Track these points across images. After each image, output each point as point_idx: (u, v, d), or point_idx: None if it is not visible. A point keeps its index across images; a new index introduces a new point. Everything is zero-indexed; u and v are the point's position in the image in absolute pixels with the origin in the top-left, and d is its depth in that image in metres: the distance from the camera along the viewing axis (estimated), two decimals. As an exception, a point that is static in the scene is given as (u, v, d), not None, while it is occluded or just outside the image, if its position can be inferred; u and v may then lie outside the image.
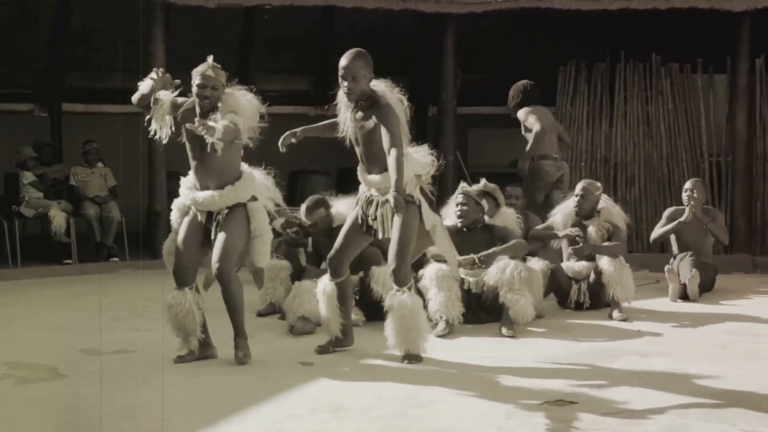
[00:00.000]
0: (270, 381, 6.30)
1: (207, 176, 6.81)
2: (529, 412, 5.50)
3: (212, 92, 6.70)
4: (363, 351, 7.16)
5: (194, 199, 6.83)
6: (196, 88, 6.73)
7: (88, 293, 10.41)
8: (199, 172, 6.83)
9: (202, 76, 6.71)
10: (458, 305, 8.01)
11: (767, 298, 10.05)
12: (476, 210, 8.59)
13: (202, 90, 6.69)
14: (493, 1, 12.73)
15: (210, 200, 6.78)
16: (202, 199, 6.80)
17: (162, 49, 12.55)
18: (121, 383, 6.24)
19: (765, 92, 13.20)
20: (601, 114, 13.61)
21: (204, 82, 6.69)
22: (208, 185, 6.81)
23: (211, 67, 6.73)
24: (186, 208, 6.94)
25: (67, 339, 7.83)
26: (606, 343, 7.58)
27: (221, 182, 6.79)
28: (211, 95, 6.70)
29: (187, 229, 6.85)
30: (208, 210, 6.83)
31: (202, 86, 6.70)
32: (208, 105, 6.70)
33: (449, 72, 13.33)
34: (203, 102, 6.70)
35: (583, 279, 9.10)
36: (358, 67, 6.65)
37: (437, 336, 7.73)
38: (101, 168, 13.02)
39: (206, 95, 6.69)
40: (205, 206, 6.82)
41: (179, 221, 6.95)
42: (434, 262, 8.20)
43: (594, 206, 9.21)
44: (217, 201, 6.78)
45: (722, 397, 5.79)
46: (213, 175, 6.78)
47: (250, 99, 6.84)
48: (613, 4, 12.62)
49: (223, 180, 6.79)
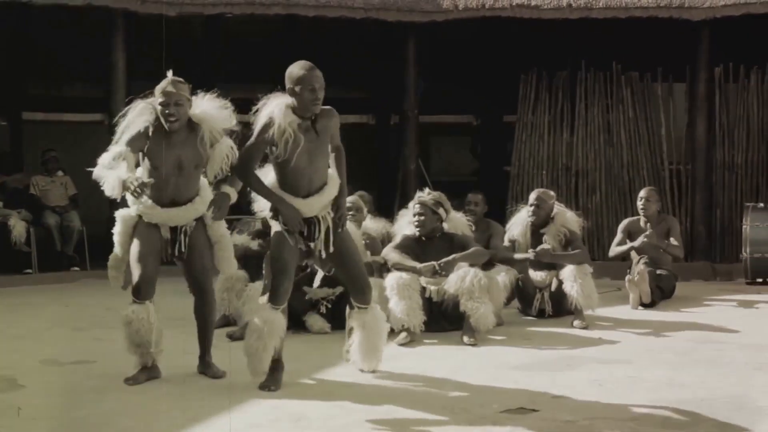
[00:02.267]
0: (231, 391, 6.26)
1: (176, 193, 6.56)
2: (490, 420, 5.50)
3: (176, 109, 6.40)
4: (325, 360, 7.14)
5: (163, 215, 6.55)
6: (159, 107, 6.42)
7: (48, 303, 10.34)
8: (167, 190, 6.53)
9: (163, 93, 6.40)
10: (420, 314, 8.00)
11: (727, 305, 10.13)
12: (433, 219, 8.57)
13: (166, 108, 6.38)
14: (455, 10, 12.79)
15: (183, 214, 6.58)
16: (174, 215, 6.56)
17: (123, 57, 12.51)
18: (81, 394, 6.20)
19: (724, 101, 13.32)
20: (562, 122, 13.68)
21: (167, 99, 6.39)
22: (174, 201, 6.56)
23: (171, 82, 6.45)
24: (134, 220, 6.61)
25: (27, 349, 7.77)
26: (567, 351, 7.61)
27: (190, 194, 6.61)
28: (176, 112, 6.40)
29: (148, 242, 6.54)
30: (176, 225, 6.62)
31: (165, 104, 6.39)
32: (175, 124, 6.42)
33: (411, 81, 13.37)
34: (169, 120, 6.41)
35: (546, 287, 9.14)
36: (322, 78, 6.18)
37: (399, 345, 7.74)
38: (61, 177, 12.95)
39: (171, 113, 6.39)
40: (175, 221, 6.59)
41: (126, 237, 6.62)
42: (395, 271, 8.19)
43: (549, 214, 9.24)
44: (189, 214, 6.59)
45: (682, 405, 5.82)
46: (182, 192, 6.58)
47: (218, 105, 6.61)
48: (574, 13, 12.71)
49: (190, 192, 6.61)
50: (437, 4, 12.82)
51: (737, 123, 13.31)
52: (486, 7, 12.77)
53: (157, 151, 6.46)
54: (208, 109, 6.59)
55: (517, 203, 10.82)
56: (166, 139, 6.46)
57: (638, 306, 9.73)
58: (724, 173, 13.27)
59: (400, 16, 12.93)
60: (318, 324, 8.35)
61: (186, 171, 6.52)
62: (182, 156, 6.49)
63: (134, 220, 6.63)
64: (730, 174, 13.29)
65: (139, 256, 6.50)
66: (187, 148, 6.49)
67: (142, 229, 6.58)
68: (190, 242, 6.63)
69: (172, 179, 6.53)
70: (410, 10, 12.82)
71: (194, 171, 6.56)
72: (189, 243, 6.63)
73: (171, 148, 6.46)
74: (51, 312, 9.71)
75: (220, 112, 6.60)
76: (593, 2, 12.59)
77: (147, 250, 6.51)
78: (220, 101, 6.64)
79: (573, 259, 8.96)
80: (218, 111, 6.60)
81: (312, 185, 6.28)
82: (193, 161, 6.52)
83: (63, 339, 8.18)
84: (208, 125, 6.52)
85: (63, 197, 12.80)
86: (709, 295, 10.73)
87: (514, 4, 12.70)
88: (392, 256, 8.35)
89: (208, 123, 6.53)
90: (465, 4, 12.78)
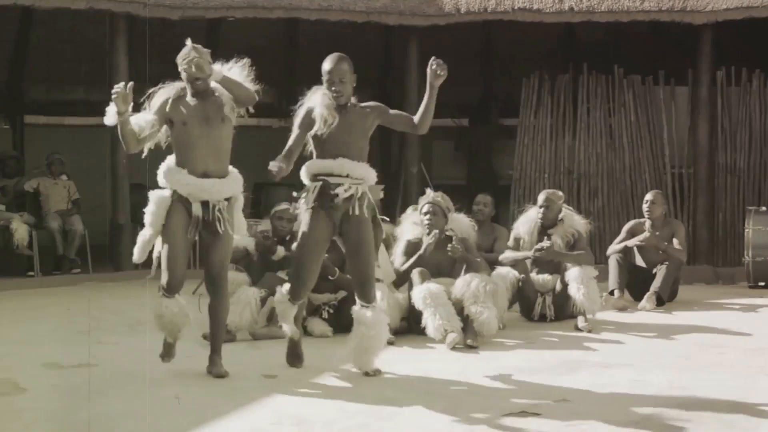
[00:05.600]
0: (233, 394, 6.27)
1: (210, 158, 6.62)
2: (492, 424, 5.50)
3: (201, 72, 6.53)
4: (327, 364, 7.13)
5: (197, 185, 6.59)
6: (185, 73, 6.58)
7: (50, 306, 10.33)
8: (201, 154, 6.61)
9: (188, 57, 6.54)
10: (456, 318, 7.95)
11: (729, 308, 10.11)
12: (443, 219, 8.58)
13: (191, 69, 6.53)
14: (457, 14, 12.78)
15: (218, 187, 6.62)
16: (208, 186, 6.60)
17: (125, 61, 12.51)
18: (83, 397, 6.19)
19: (726, 104, 13.31)
20: (564, 126, 13.66)
21: (191, 61, 6.52)
22: (208, 170, 6.62)
23: (193, 47, 6.57)
24: (168, 201, 6.65)
25: (29, 352, 7.77)
26: (569, 355, 7.60)
27: (222, 166, 6.68)
28: (200, 75, 6.55)
29: (178, 231, 6.61)
30: (208, 199, 6.63)
31: (189, 67, 6.54)
32: (201, 85, 6.60)
33: (413, 84, 13.36)
34: (195, 83, 6.59)
35: (548, 291, 9.13)
36: (344, 70, 6.59)
37: (451, 348, 7.72)
38: (64, 180, 12.94)
39: (196, 76, 6.54)
40: (208, 194, 6.61)
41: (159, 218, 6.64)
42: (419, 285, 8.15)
43: (557, 215, 9.23)
44: (223, 188, 6.65)
45: (684, 408, 5.82)
46: (216, 157, 6.64)
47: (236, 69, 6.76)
48: (576, 16, 12.70)
49: (223, 164, 6.69)
50: (439, 7, 12.82)
51: (739, 126, 13.29)
52: (488, 10, 12.76)
53: (179, 111, 6.63)
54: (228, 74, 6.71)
55: (519, 206, 10.85)
56: (190, 101, 6.66)
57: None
58: (727, 177, 13.26)
59: (401, 20, 12.92)
60: (320, 328, 8.35)
61: (213, 123, 6.62)
62: (207, 108, 6.63)
63: (168, 201, 6.66)
64: (732, 177, 13.27)
65: (170, 252, 6.61)
66: (210, 103, 6.66)
67: (174, 216, 6.63)
68: (217, 229, 6.64)
69: (204, 138, 6.62)
70: (412, 13, 12.81)
71: (221, 125, 6.64)
72: (215, 229, 6.65)
73: (194, 105, 6.64)
74: (53, 315, 9.70)
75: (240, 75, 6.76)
76: (595, 6, 12.58)
77: (180, 246, 6.63)
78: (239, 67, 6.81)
79: (577, 259, 8.94)
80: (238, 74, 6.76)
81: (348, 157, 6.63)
82: (218, 113, 6.63)
83: (65, 342, 8.17)
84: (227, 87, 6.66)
85: (65, 200, 12.79)
86: (711, 299, 10.72)
87: (516, 8, 12.68)
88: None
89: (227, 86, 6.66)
90: (467, 7, 12.78)
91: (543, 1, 12.61)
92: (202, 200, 6.64)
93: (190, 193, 6.63)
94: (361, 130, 6.69)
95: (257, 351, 7.77)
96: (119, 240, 12.47)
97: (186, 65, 6.56)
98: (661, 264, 10.05)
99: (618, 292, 9.96)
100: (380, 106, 6.80)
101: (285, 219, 8.79)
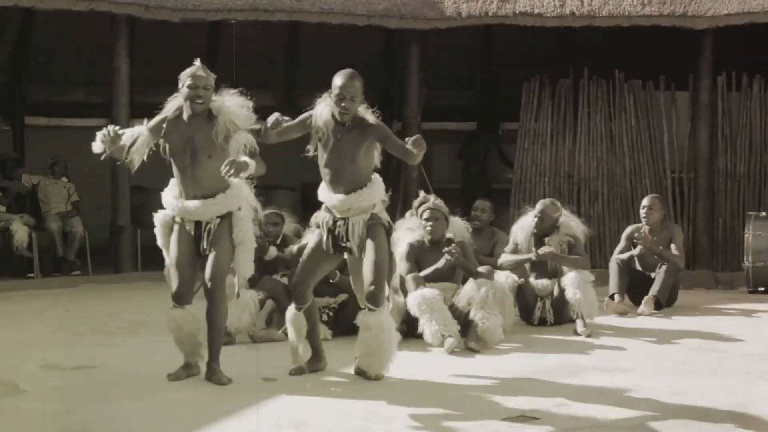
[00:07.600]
0: (232, 397, 6.27)
1: (196, 186, 6.70)
2: (491, 429, 5.50)
3: (204, 92, 6.63)
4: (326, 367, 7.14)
5: (184, 208, 6.72)
6: (187, 90, 6.63)
7: (50, 308, 10.33)
8: (187, 182, 6.71)
9: (193, 76, 6.63)
10: (453, 321, 7.98)
11: (729, 314, 10.11)
12: (444, 224, 8.59)
13: (195, 90, 6.61)
14: (458, 18, 12.78)
15: (202, 209, 6.69)
16: (193, 209, 6.70)
17: (126, 63, 12.51)
18: (82, 399, 6.20)
19: (726, 109, 13.30)
20: (564, 130, 13.65)
21: (196, 82, 6.61)
22: (196, 195, 6.70)
23: (201, 68, 6.67)
24: (171, 222, 6.83)
25: (28, 354, 7.76)
26: (568, 359, 7.60)
27: (210, 191, 6.71)
28: (204, 95, 6.63)
29: (181, 245, 6.74)
30: (198, 220, 6.73)
31: (194, 87, 6.61)
32: (200, 107, 6.64)
33: (414, 87, 13.36)
34: (195, 103, 6.63)
35: (547, 295, 9.13)
36: (356, 89, 6.58)
37: (449, 353, 7.71)
38: (65, 182, 12.95)
39: (199, 95, 6.61)
40: (196, 216, 6.71)
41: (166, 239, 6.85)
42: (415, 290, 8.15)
43: (553, 225, 9.21)
44: (210, 209, 6.70)
45: (684, 414, 5.82)
46: (202, 184, 6.69)
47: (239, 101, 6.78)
48: (577, 21, 12.70)
49: (212, 189, 6.71)
50: (440, 11, 12.82)
51: (740, 131, 13.28)
52: (489, 14, 12.75)
53: (172, 135, 6.69)
54: (228, 103, 6.75)
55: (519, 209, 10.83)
56: (183, 125, 6.68)
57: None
58: (727, 182, 13.25)
59: (403, 23, 12.91)
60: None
61: (199, 159, 6.65)
62: (195, 141, 6.64)
63: (170, 221, 6.83)
64: (732, 182, 13.26)
65: (176, 262, 6.74)
66: (200, 135, 6.65)
67: (177, 230, 6.79)
68: (212, 241, 6.71)
69: (189, 169, 6.69)
70: (413, 17, 12.80)
71: (208, 161, 6.65)
72: (211, 241, 6.71)
73: (185, 133, 6.67)
74: (53, 317, 9.70)
75: (239, 107, 6.76)
76: (596, 10, 12.57)
77: (183, 257, 6.74)
78: (241, 99, 6.81)
79: (575, 263, 8.93)
80: (238, 106, 6.76)
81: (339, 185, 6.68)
82: (205, 149, 6.64)
83: (64, 344, 8.17)
84: (225, 117, 6.67)
85: (64, 200, 12.79)
86: (710, 304, 10.71)
87: (517, 12, 12.68)
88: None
89: (225, 114, 6.68)
90: (468, 11, 12.78)
91: (544, 5, 12.62)
92: (195, 220, 6.75)
93: (180, 216, 6.78)
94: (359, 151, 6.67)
95: (256, 353, 7.77)
96: (119, 242, 12.46)
97: (191, 87, 6.64)
98: (659, 268, 10.06)
99: (618, 296, 9.95)
100: (382, 130, 6.70)
101: (271, 223, 8.91)
